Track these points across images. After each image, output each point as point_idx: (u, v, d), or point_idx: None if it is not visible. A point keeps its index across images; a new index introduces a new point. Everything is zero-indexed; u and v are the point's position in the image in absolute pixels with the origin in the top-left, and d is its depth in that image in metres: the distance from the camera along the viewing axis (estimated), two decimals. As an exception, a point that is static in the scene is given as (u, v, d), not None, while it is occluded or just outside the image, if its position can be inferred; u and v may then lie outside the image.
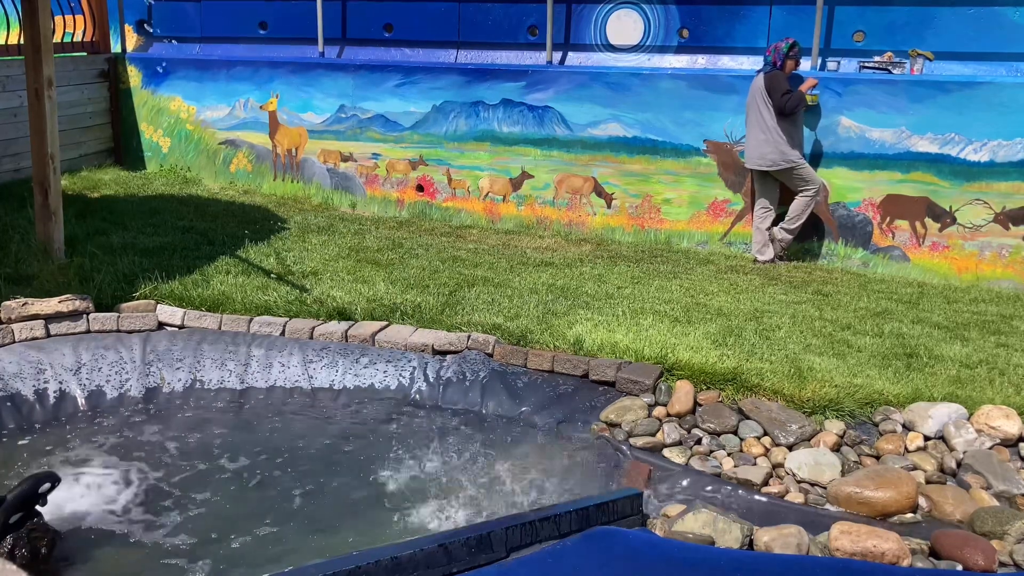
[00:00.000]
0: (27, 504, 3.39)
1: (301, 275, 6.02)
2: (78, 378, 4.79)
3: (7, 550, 3.29)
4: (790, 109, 6.73)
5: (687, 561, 3.02)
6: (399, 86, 8.30)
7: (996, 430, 4.15)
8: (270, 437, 4.47)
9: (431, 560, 2.99)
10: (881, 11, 7.23)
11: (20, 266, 5.70)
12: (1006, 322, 5.73)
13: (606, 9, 8.02)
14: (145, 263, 5.94)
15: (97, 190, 8.18)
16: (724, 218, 7.49)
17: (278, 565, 3.40)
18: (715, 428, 4.34)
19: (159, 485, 3.98)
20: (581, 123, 7.79)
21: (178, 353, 5.04)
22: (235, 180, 9.00)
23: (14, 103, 7.97)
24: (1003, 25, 6.90)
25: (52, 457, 4.19)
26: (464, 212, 8.28)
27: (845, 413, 4.35)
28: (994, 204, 6.67)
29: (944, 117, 6.72)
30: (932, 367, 4.82)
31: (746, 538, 3.42)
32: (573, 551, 3.08)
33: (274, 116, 8.79)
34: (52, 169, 5.78)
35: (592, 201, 7.88)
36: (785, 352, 4.93)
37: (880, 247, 7.05)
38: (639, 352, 4.84)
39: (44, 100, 5.68)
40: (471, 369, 4.91)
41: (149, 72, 9.19)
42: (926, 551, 3.40)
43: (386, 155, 8.47)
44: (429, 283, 5.96)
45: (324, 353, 5.06)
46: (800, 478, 3.98)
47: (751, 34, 7.61)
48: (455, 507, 3.88)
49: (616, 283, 6.25)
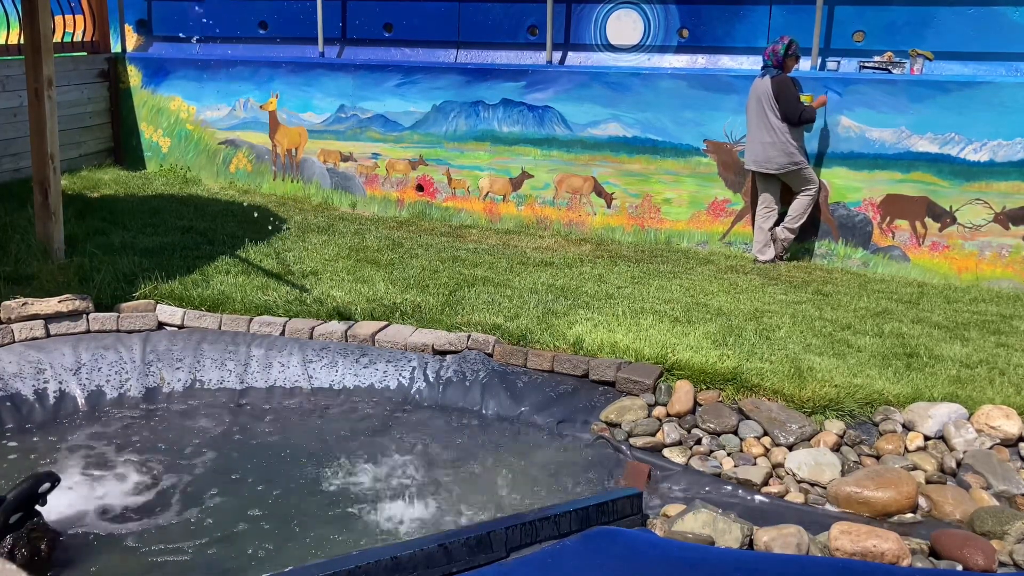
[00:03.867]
0: (27, 504, 3.38)
1: (301, 275, 6.02)
2: (78, 378, 4.79)
3: (7, 550, 3.28)
4: (803, 122, 6.80)
5: (687, 561, 3.02)
6: (399, 86, 8.30)
7: (996, 430, 4.15)
8: (270, 437, 4.47)
9: (431, 560, 2.99)
10: (881, 11, 7.23)
11: (20, 266, 5.70)
12: (1006, 322, 5.73)
13: (606, 9, 8.02)
14: (145, 263, 5.94)
15: (97, 190, 8.18)
16: (724, 218, 7.49)
17: (278, 565, 3.40)
18: (715, 428, 4.34)
19: (159, 485, 3.98)
20: (581, 123, 7.79)
21: (178, 353, 5.04)
22: (235, 180, 9.00)
23: (14, 103, 7.97)
24: (1003, 25, 6.91)
25: (52, 457, 4.19)
26: (464, 212, 8.28)
27: (845, 413, 4.35)
28: (994, 204, 6.67)
29: (944, 117, 6.72)
30: (932, 367, 4.82)
31: (746, 538, 3.42)
32: (573, 551, 3.08)
33: (274, 116, 8.79)
34: (52, 169, 5.78)
35: (592, 201, 7.88)
36: (785, 352, 4.93)
37: (880, 247, 7.05)
38: (639, 352, 4.84)
39: (44, 100, 5.68)
40: (471, 369, 4.91)
41: (149, 72, 9.19)
42: (926, 551, 3.40)
43: (386, 155, 8.47)
44: (429, 283, 5.96)
45: (324, 353, 5.06)
46: (800, 478, 3.98)
47: (751, 34, 7.61)
48: (455, 507, 3.88)
49: (616, 283, 6.25)
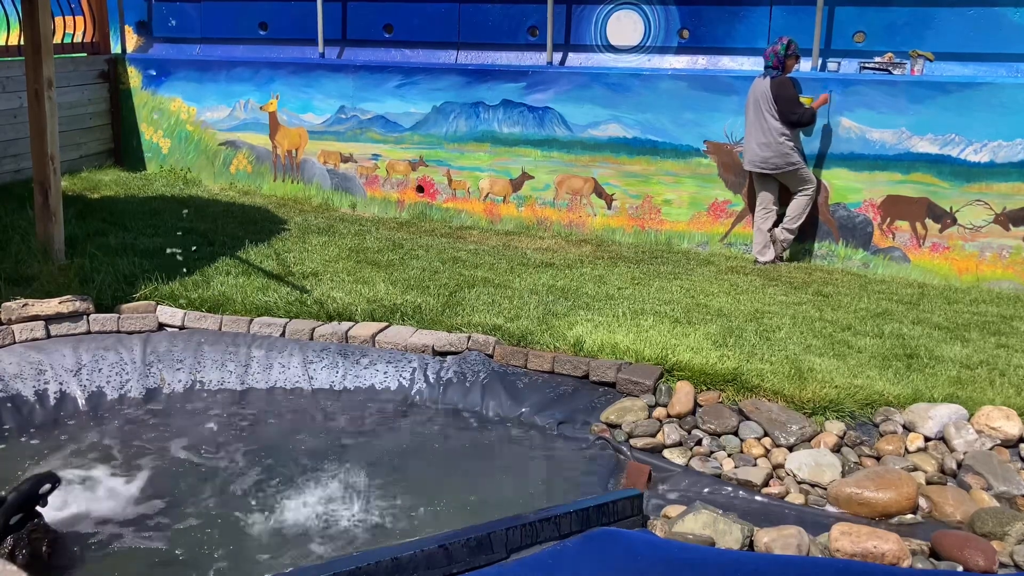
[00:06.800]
0: (27, 505, 3.38)
1: (301, 276, 6.02)
2: (78, 379, 4.79)
3: (8, 551, 3.28)
4: (802, 124, 6.80)
5: (687, 562, 3.02)
6: (399, 87, 8.30)
7: (996, 431, 4.15)
8: (270, 438, 4.47)
9: (431, 561, 2.99)
10: (881, 12, 7.24)
11: (20, 267, 5.70)
12: (1006, 323, 5.73)
13: (606, 10, 8.02)
14: (145, 264, 5.94)
15: (97, 191, 8.18)
16: (724, 219, 7.49)
17: (278, 565, 3.40)
18: (715, 429, 4.34)
19: (159, 486, 3.98)
20: (581, 124, 7.79)
21: (178, 354, 5.04)
22: (235, 181, 9.00)
23: (14, 104, 7.98)
24: (1003, 25, 6.91)
25: (52, 458, 4.19)
26: (464, 213, 8.28)
27: (845, 414, 4.35)
28: (994, 205, 6.67)
29: (944, 118, 6.72)
30: (932, 368, 4.82)
31: (746, 539, 3.42)
32: (573, 552, 3.08)
33: (274, 117, 8.79)
34: (52, 170, 5.78)
35: (592, 202, 7.88)
36: (785, 353, 4.93)
37: (880, 248, 7.05)
38: (639, 353, 4.85)
39: (44, 101, 5.68)
40: (471, 370, 4.91)
41: (149, 73, 9.19)
42: (926, 552, 3.40)
43: (386, 156, 8.47)
44: (429, 284, 5.96)
45: (324, 354, 5.06)
46: (800, 479, 3.98)
47: (751, 34, 7.61)
48: (454, 507, 3.88)
49: (616, 284, 6.25)
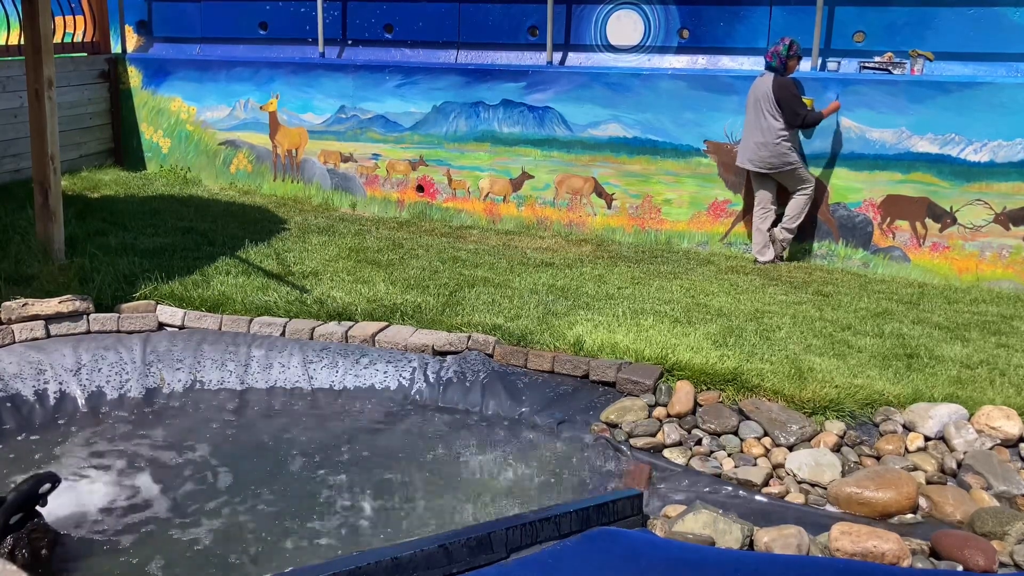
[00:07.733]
0: (27, 505, 3.38)
1: (301, 275, 6.02)
2: (78, 379, 4.79)
3: (7, 551, 3.28)
4: (806, 126, 6.80)
5: (687, 562, 3.02)
6: (399, 87, 8.30)
7: (996, 431, 4.15)
8: (270, 438, 4.47)
9: (431, 561, 2.99)
10: (881, 11, 7.23)
11: (20, 266, 5.70)
12: (1006, 322, 5.73)
13: (606, 9, 8.02)
14: (145, 264, 5.94)
15: (97, 190, 8.18)
16: (724, 219, 7.49)
17: (279, 565, 3.40)
18: (715, 429, 4.34)
19: (159, 486, 3.98)
20: (581, 123, 7.79)
21: (178, 354, 5.04)
22: (235, 181, 9.00)
23: (14, 103, 7.98)
24: (1003, 25, 6.90)
25: (52, 458, 4.19)
26: (464, 213, 8.28)
27: (845, 414, 4.35)
28: (994, 204, 6.67)
29: (944, 117, 6.72)
30: (932, 368, 4.82)
31: (746, 539, 3.42)
32: (573, 552, 3.08)
33: (274, 117, 8.79)
34: (52, 169, 5.78)
35: (592, 202, 7.88)
36: (785, 353, 4.93)
37: (880, 247, 7.05)
38: (639, 352, 4.84)
39: (44, 101, 5.68)
40: (471, 370, 4.91)
41: (149, 73, 9.19)
42: (926, 551, 3.40)
43: (386, 156, 8.47)
44: (429, 284, 5.96)
45: (324, 354, 5.06)
46: (800, 478, 3.98)
47: (751, 34, 7.61)
48: (453, 507, 3.88)
49: (616, 284, 6.25)
